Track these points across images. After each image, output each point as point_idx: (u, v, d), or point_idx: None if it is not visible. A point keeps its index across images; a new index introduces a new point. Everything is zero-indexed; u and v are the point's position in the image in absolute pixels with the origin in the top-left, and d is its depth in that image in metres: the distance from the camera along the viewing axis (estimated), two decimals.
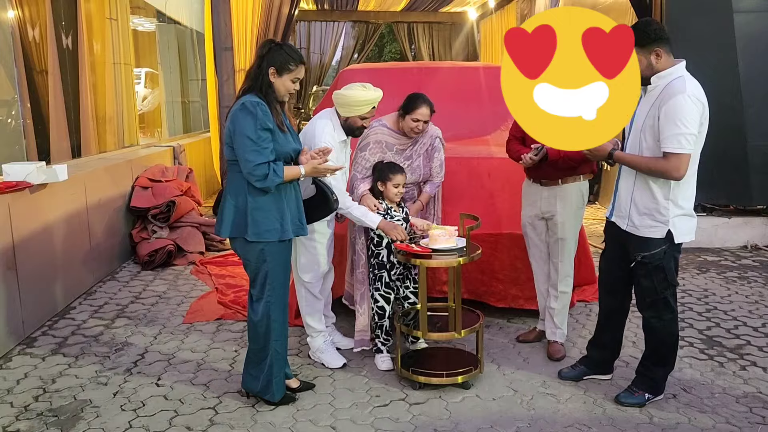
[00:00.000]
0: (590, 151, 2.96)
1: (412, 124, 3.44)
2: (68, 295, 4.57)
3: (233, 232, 2.87)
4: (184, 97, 10.64)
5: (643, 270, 2.91)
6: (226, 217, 2.87)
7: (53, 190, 4.35)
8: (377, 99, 3.32)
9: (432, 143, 3.61)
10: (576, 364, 3.36)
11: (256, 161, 2.74)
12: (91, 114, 6.51)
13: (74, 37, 6.34)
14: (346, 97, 3.28)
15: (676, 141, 2.67)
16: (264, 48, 2.88)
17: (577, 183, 3.44)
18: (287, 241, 2.93)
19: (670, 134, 2.68)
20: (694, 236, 2.91)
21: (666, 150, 2.71)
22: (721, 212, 6.22)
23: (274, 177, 2.77)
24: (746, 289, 4.84)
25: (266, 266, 2.89)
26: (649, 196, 2.84)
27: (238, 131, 2.77)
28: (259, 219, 2.83)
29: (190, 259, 5.64)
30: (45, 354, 3.71)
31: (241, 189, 2.85)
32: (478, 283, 4.00)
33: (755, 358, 3.59)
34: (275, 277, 2.92)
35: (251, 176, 2.76)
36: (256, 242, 2.85)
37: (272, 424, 2.91)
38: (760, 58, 5.89)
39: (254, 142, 2.74)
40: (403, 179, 3.42)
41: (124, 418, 2.97)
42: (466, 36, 16.00)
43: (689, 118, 2.66)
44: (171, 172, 6.55)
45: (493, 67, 5.64)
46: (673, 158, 2.70)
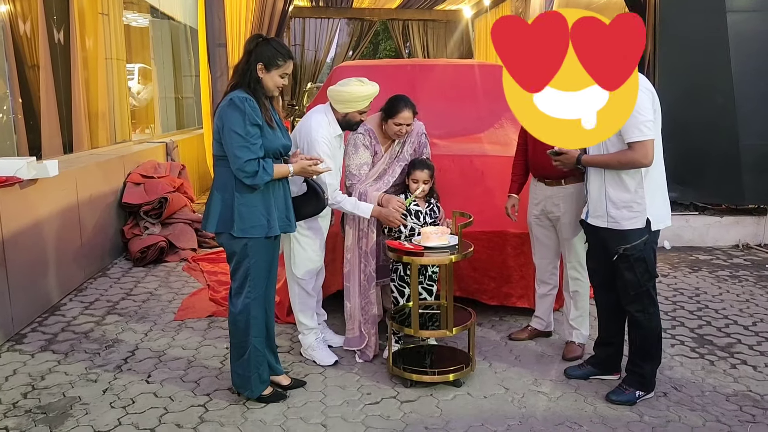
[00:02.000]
0: (558, 159, 3.08)
1: (395, 128, 3.41)
2: (58, 291, 4.54)
3: (219, 227, 2.86)
4: (177, 93, 10.59)
5: (625, 263, 2.95)
6: (212, 212, 2.86)
7: (44, 186, 4.32)
8: (375, 93, 3.29)
9: (418, 140, 3.60)
10: (583, 363, 3.38)
11: (246, 157, 2.72)
12: (83, 109, 6.46)
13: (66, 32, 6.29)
14: (344, 93, 3.24)
15: (638, 130, 2.80)
16: (251, 43, 2.86)
17: (581, 183, 3.44)
18: (273, 237, 2.92)
19: (629, 125, 2.79)
20: (670, 222, 3.01)
21: (630, 140, 2.83)
22: (713, 211, 6.25)
23: (264, 174, 2.76)
24: (737, 287, 4.86)
25: (248, 262, 2.87)
26: (623, 188, 2.90)
27: (227, 127, 2.75)
28: (245, 215, 2.81)
29: (182, 256, 5.61)
30: (34, 351, 3.69)
31: (228, 184, 2.83)
32: (471, 281, 4.00)
33: (746, 357, 3.60)
34: (257, 273, 2.91)
35: (241, 173, 2.75)
36: (241, 237, 2.84)
37: (263, 421, 2.90)
38: (753, 58, 5.91)
39: (243, 137, 2.73)
40: (424, 176, 3.42)
41: (114, 416, 2.96)
42: (461, 34, 15.98)
43: (643, 107, 2.79)
44: (163, 169, 6.53)
45: (488, 65, 5.64)
46: (638, 146, 2.82)
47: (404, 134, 3.46)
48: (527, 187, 3.68)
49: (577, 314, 3.56)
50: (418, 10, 15.68)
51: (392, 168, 3.53)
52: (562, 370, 3.38)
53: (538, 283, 3.75)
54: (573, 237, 3.46)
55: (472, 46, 15.17)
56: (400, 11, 15.68)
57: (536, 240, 3.66)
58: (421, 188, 3.41)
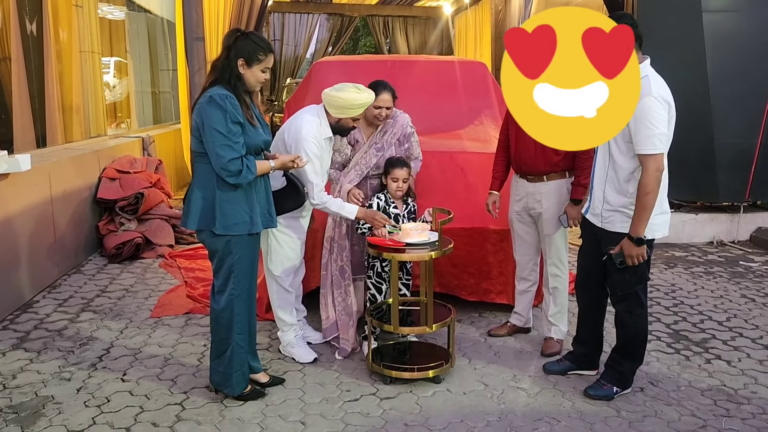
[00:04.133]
0: (628, 256, 2.84)
1: (375, 111, 3.41)
2: (31, 288, 4.44)
3: (201, 225, 2.81)
4: (154, 88, 10.44)
5: (614, 264, 2.93)
6: (193, 209, 2.81)
7: (16, 180, 4.23)
8: (371, 101, 3.25)
9: (403, 132, 3.59)
10: (561, 358, 3.40)
11: (229, 156, 2.68)
12: (57, 103, 6.34)
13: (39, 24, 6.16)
14: (339, 99, 3.16)
15: (650, 143, 2.72)
16: (230, 38, 2.79)
17: (563, 180, 3.45)
18: (255, 234, 2.89)
19: (643, 137, 2.72)
20: (667, 232, 2.95)
21: (641, 152, 2.75)
22: (688, 208, 6.34)
23: (248, 173, 2.73)
24: (712, 284, 4.93)
25: (232, 258, 2.84)
26: (622, 193, 2.86)
27: (207, 125, 2.70)
28: (227, 212, 2.78)
29: (159, 252, 5.54)
30: (6, 349, 3.60)
31: (209, 181, 2.79)
32: (450, 277, 4.00)
33: (720, 352, 3.66)
34: (240, 270, 2.87)
35: (224, 171, 2.71)
36: (223, 235, 2.80)
37: (240, 419, 2.87)
38: (728, 58, 5.99)
39: (225, 136, 2.68)
40: (403, 174, 3.40)
41: (88, 414, 2.90)
42: (441, 31, 16.02)
43: (658, 119, 2.71)
44: (140, 164, 6.43)
45: (468, 61, 5.64)
46: (650, 160, 2.73)
47: (383, 118, 3.45)
48: (508, 183, 3.69)
49: (555, 310, 3.58)
50: (398, 6, 15.68)
51: (368, 155, 3.51)
52: (541, 366, 3.40)
53: (518, 280, 3.77)
54: (554, 233, 3.47)
55: (452, 43, 15.20)
56: (380, 7, 15.66)
57: (517, 236, 3.67)
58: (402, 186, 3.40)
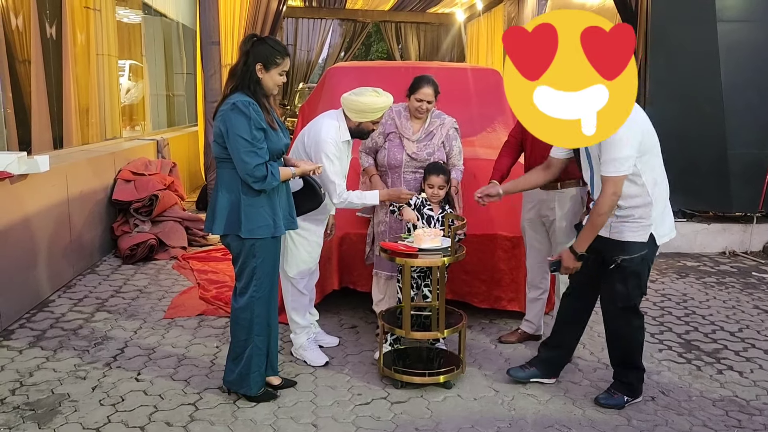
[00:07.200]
0: (565, 268, 2.99)
1: (416, 104, 3.50)
2: (47, 287, 4.50)
3: (227, 229, 2.86)
4: (169, 91, 10.53)
5: (620, 274, 2.93)
6: (218, 214, 2.85)
7: (34, 181, 4.29)
8: (389, 105, 3.30)
9: (447, 133, 3.61)
10: (526, 364, 3.34)
11: (254, 162, 2.73)
12: (74, 105, 6.42)
13: (58, 28, 6.25)
14: (359, 103, 3.21)
15: (612, 165, 2.76)
16: (247, 43, 2.84)
17: (577, 188, 3.46)
18: (278, 237, 2.93)
19: (607, 158, 2.76)
20: (675, 233, 2.96)
21: (603, 173, 2.79)
22: (700, 218, 6.32)
23: (272, 180, 2.78)
24: (724, 294, 4.92)
25: (255, 261, 2.88)
26: (627, 200, 2.85)
27: (232, 132, 2.75)
28: (252, 215, 2.83)
29: (172, 254, 5.59)
30: (22, 347, 3.66)
31: (233, 186, 2.83)
32: (461, 284, 4.01)
33: (732, 363, 3.65)
34: (263, 272, 2.92)
35: (249, 177, 2.75)
36: (248, 238, 2.84)
37: (253, 420, 2.90)
38: (742, 68, 5.99)
39: (249, 143, 2.73)
40: (439, 181, 3.41)
41: (103, 413, 2.94)
42: (454, 37, 16.05)
43: (624, 142, 2.73)
44: (154, 166, 6.50)
45: (481, 68, 5.66)
46: (609, 182, 2.77)
47: (424, 111, 3.52)
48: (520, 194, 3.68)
49: None
50: (411, 12, 15.72)
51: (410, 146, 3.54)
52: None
53: (529, 287, 3.77)
54: (567, 241, 3.46)
55: (465, 50, 15.23)
56: (393, 13, 15.71)
57: (528, 244, 3.68)
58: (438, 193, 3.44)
